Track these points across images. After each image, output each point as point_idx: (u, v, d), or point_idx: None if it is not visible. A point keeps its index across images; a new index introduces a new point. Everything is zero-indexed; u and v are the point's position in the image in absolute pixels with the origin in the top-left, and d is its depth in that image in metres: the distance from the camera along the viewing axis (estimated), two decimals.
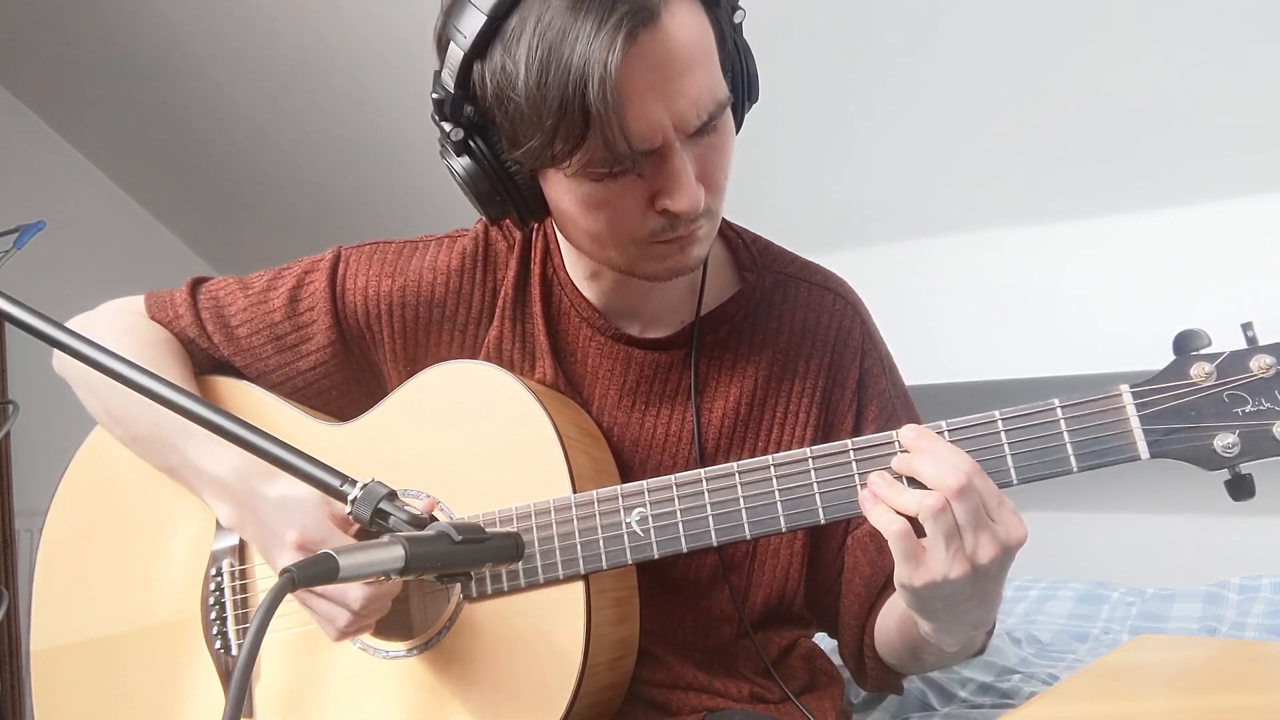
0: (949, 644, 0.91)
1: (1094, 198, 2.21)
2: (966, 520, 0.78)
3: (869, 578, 1.04)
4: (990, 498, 0.80)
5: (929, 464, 0.81)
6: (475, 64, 0.85)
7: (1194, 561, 2.18)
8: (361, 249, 1.12)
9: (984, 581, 0.81)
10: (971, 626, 0.90)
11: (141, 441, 1.08)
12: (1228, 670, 0.72)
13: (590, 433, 1.03)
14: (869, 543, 1.04)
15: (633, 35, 0.78)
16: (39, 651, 1.13)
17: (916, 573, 0.80)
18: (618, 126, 0.80)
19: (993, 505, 0.80)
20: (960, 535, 0.79)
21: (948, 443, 0.83)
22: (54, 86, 3.35)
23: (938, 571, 0.79)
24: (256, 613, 0.66)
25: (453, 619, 0.97)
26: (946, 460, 0.80)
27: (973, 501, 0.78)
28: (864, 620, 1.05)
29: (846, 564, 1.05)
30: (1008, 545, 0.79)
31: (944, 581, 0.79)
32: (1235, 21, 1.80)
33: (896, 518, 0.80)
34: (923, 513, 0.78)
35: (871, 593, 1.04)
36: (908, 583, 0.81)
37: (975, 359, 2.38)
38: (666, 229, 0.89)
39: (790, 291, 1.08)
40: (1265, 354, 0.79)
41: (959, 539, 0.78)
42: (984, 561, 0.79)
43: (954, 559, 0.78)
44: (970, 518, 0.78)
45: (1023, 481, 0.83)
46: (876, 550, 1.03)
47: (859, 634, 1.06)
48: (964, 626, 0.89)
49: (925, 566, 0.80)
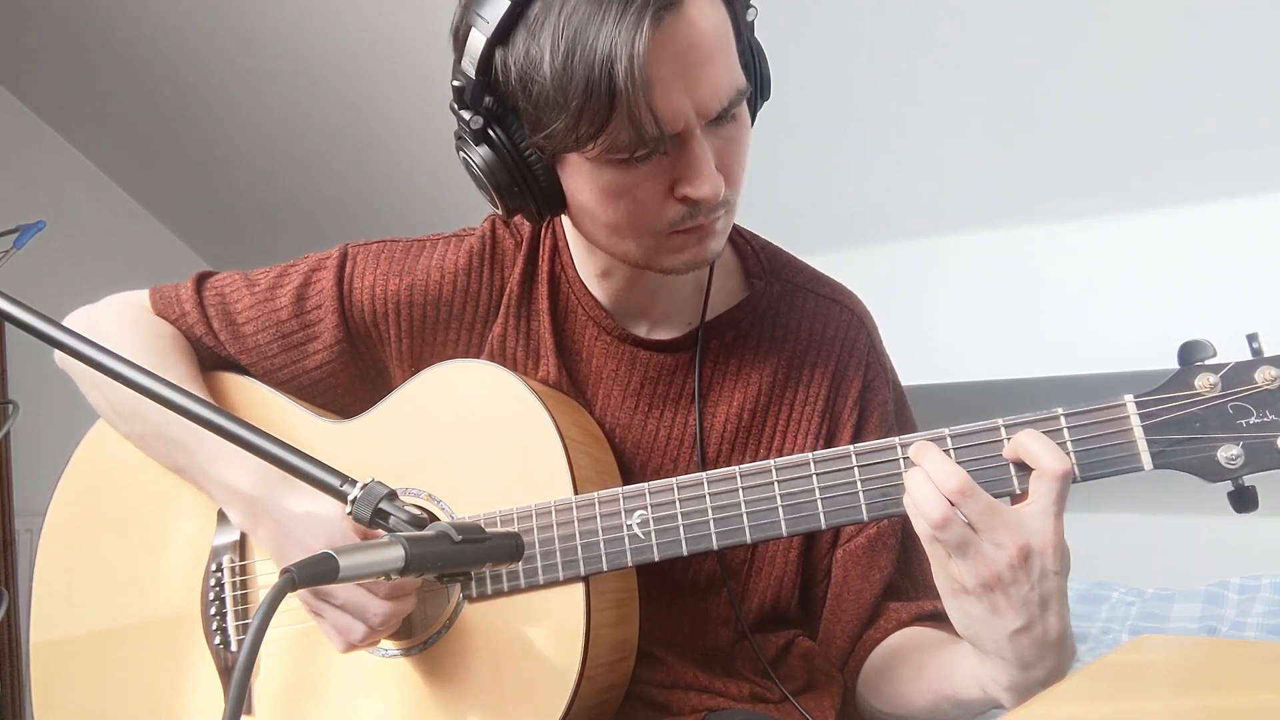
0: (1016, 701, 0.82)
1: (1095, 197, 2.21)
2: (955, 544, 0.78)
3: (858, 592, 1.03)
4: (979, 517, 0.78)
5: (916, 485, 0.80)
6: (497, 50, 0.85)
7: (1194, 561, 2.17)
8: (369, 247, 1.12)
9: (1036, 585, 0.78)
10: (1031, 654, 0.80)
11: (149, 439, 1.08)
12: (1228, 670, 0.72)
13: (593, 434, 1.03)
14: (861, 556, 1.03)
15: (658, 19, 0.79)
16: (39, 645, 1.13)
17: (976, 565, 0.78)
18: (645, 106, 0.80)
19: (982, 522, 0.77)
20: (985, 533, 0.77)
21: (937, 463, 0.80)
22: (54, 87, 3.35)
23: (989, 557, 0.77)
24: (257, 612, 0.66)
25: (452, 619, 0.97)
26: (926, 487, 0.79)
27: (955, 531, 0.77)
28: (847, 652, 1.04)
29: (835, 577, 1.04)
30: (1027, 545, 0.77)
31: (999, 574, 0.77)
32: (1239, 20, 1.80)
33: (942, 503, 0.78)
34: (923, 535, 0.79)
35: (860, 615, 1.03)
36: (970, 579, 0.78)
37: (975, 359, 2.38)
38: (686, 218, 0.89)
39: (798, 301, 1.08)
40: (1270, 365, 0.78)
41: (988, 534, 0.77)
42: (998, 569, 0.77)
43: (999, 547, 0.77)
44: (957, 543, 0.78)
45: (1026, 490, 0.82)
46: (869, 565, 1.03)
47: (840, 662, 1.05)
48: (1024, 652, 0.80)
49: (980, 558, 0.77)
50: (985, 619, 0.79)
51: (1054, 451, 0.79)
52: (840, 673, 1.05)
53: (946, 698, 0.91)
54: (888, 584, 1.03)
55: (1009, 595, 0.78)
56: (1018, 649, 0.79)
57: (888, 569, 1.03)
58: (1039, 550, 0.77)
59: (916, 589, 1.05)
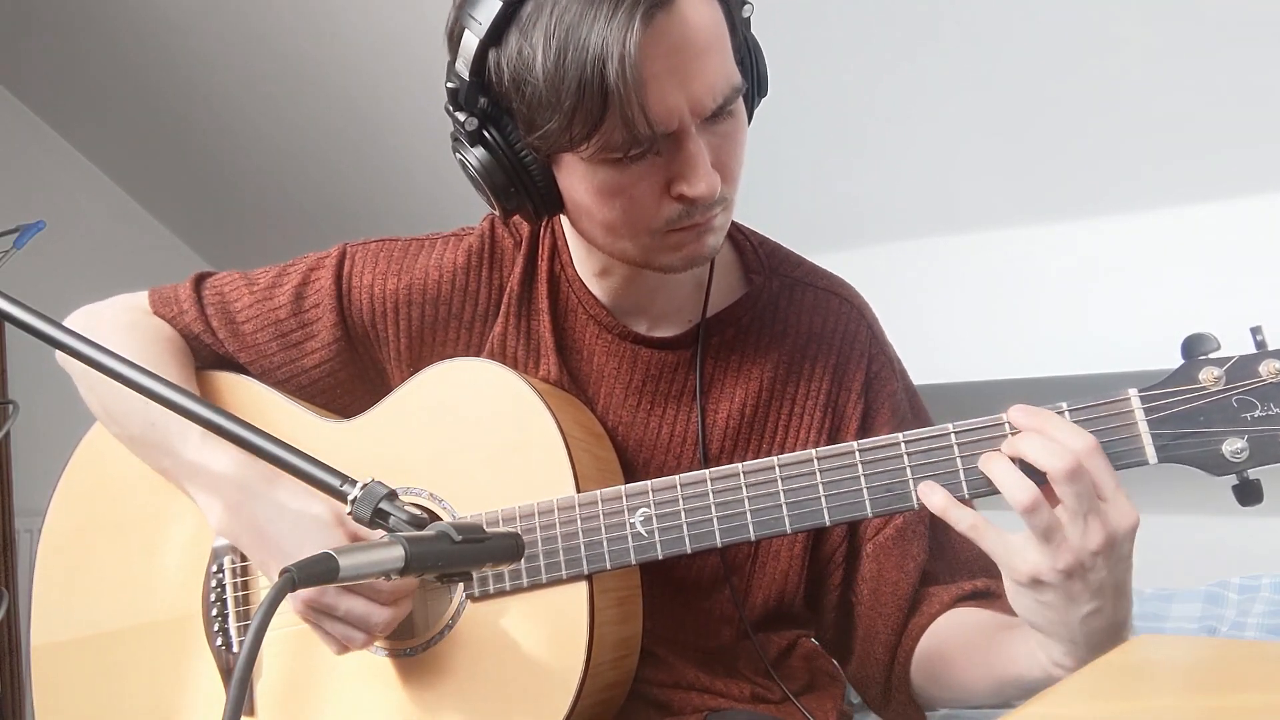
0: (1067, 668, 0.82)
1: (1096, 197, 2.21)
2: (1075, 504, 0.75)
3: (895, 583, 1.01)
4: (1105, 478, 0.76)
5: (1037, 445, 0.77)
6: (491, 51, 0.85)
7: (1194, 561, 2.17)
8: (368, 246, 1.12)
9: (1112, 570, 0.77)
10: (1101, 635, 0.80)
11: (137, 441, 1.08)
12: (1228, 670, 0.72)
13: (595, 432, 1.03)
14: (892, 548, 1.01)
15: (650, 17, 0.79)
16: (39, 647, 1.13)
17: (1058, 554, 0.76)
18: (637, 105, 0.80)
19: (1107, 488, 0.76)
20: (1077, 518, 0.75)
21: (1062, 420, 0.79)
22: (54, 86, 3.35)
23: (1076, 545, 0.75)
24: (256, 614, 0.66)
25: (455, 618, 0.97)
26: (1058, 440, 0.77)
27: (1084, 483, 0.75)
28: (894, 644, 1.02)
29: (869, 571, 1.02)
30: (1115, 532, 0.76)
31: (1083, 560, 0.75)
32: (1242, 20, 1.80)
33: (1030, 486, 0.76)
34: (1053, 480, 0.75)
35: (900, 606, 1.01)
36: (1050, 567, 0.76)
37: (975, 359, 2.37)
38: (683, 216, 0.89)
39: (797, 295, 1.08)
40: (1275, 359, 0.78)
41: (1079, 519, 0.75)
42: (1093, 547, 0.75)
43: (1087, 533, 0.75)
44: (1079, 501, 0.75)
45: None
46: (901, 555, 1.01)
47: (887, 660, 1.02)
48: (1094, 645, 0.80)
49: (1065, 545, 0.75)
50: (1060, 606, 0.78)
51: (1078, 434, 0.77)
52: (891, 664, 1.02)
53: (1011, 682, 0.90)
54: (923, 571, 1.02)
55: (1087, 581, 0.77)
56: (1088, 631, 0.79)
57: (921, 556, 1.02)
58: (1125, 534, 0.76)
59: (952, 571, 1.03)
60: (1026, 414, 0.80)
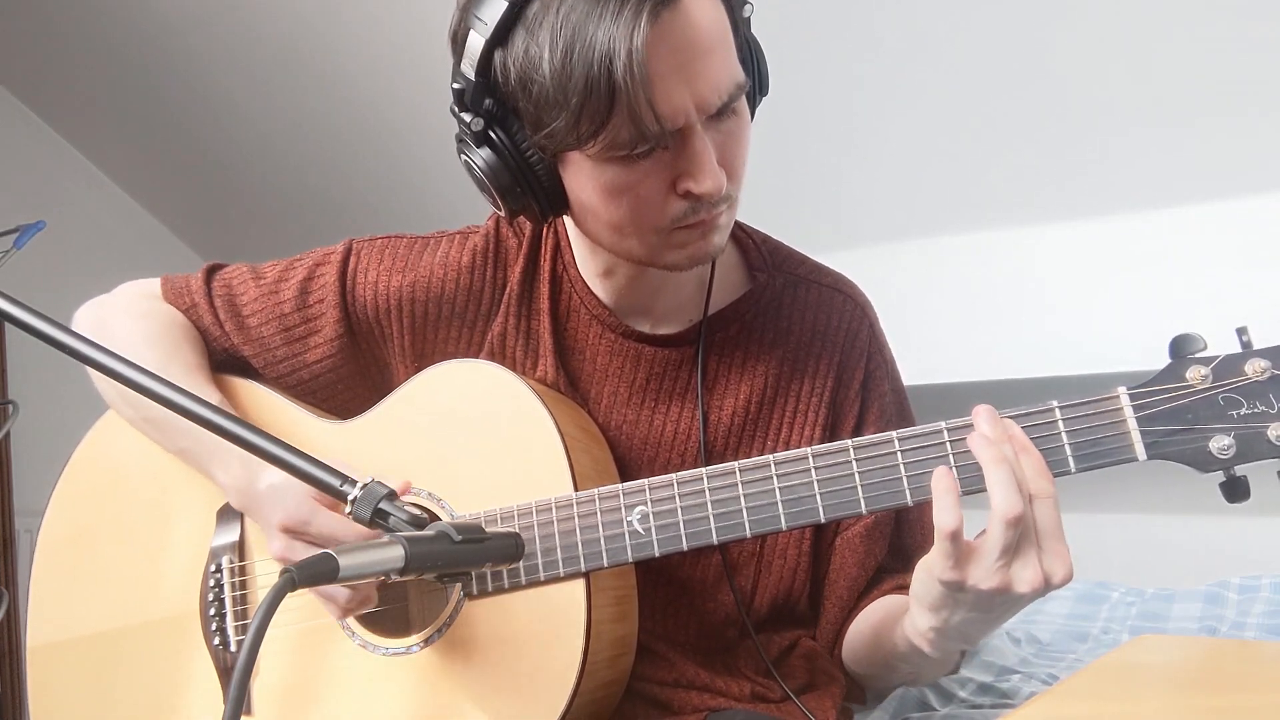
0: (934, 650, 0.87)
1: (1092, 198, 2.21)
2: (1014, 544, 0.77)
3: (854, 578, 1.05)
4: (1049, 527, 0.77)
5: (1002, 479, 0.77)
6: (496, 51, 0.85)
7: (1194, 561, 2.17)
8: (373, 242, 1.12)
9: (1007, 607, 0.80)
10: (964, 640, 0.87)
11: (154, 423, 1.08)
12: (1228, 670, 0.72)
13: (591, 433, 1.03)
14: (858, 544, 1.05)
15: (656, 15, 0.80)
16: (36, 648, 1.13)
17: (996, 575, 0.77)
18: (644, 102, 0.81)
19: (1048, 535, 0.77)
20: (1011, 554, 0.77)
21: (1037, 456, 0.79)
22: (54, 86, 3.35)
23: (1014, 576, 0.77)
24: (256, 612, 0.66)
25: (453, 616, 0.97)
26: (1010, 483, 0.77)
27: (1023, 529, 0.76)
28: (840, 626, 1.06)
29: (833, 565, 1.06)
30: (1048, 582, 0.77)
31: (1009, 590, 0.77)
32: (1235, 19, 1.81)
33: (1020, 503, 0.77)
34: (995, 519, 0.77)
35: (853, 596, 1.05)
36: (980, 579, 0.78)
37: (973, 359, 2.38)
38: (689, 213, 0.90)
39: (801, 293, 1.09)
40: (1260, 358, 0.79)
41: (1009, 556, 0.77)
42: (1023, 590, 0.77)
43: (996, 573, 0.77)
44: (1020, 542, 0.77)
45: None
46: (865, 552, 1.05)
47: (832, 640, 1.07)
48: (959, 638, 0.86)
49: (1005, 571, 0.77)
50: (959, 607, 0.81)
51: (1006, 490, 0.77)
52: (835, 644, 1.07)
53: (880, 637, 0.98)
54: (879, 566, 1.06)
55: (994, 603, 0.79)
56: (962, 628, 0.83)
57: (881, 554, 1.06)
58: (1056, 586, 0.78)
59: (903, 564, 1.06)
60: (991, 423, 0.80)
